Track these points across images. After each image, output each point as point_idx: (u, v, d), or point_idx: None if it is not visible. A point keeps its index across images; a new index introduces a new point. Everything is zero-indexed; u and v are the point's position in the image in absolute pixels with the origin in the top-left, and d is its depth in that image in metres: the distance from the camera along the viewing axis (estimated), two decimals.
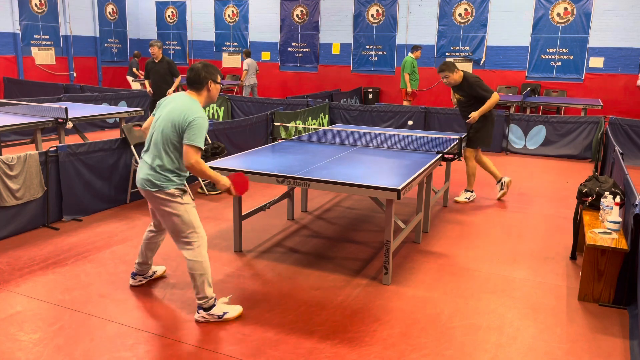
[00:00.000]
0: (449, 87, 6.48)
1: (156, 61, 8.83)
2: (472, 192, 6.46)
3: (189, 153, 3.20)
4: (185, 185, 3.44)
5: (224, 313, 3.45)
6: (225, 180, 3.43)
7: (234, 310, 3.50)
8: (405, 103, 11.54)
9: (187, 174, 3.45)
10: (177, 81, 8.89)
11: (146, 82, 9.09)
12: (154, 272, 4.04)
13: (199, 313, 3.45)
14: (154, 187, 3.34)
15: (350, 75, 15.12)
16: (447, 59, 13.83)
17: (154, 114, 3.50)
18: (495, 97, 6.05)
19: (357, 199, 6.39)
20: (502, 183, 6.51)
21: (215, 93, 3.43)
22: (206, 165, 3.32)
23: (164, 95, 8.74)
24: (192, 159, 3.21)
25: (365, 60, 14.88)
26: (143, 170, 3.40)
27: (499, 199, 6.49)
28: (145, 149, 3.46)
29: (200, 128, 3.21)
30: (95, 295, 3.77)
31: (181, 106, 3.28)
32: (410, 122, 10.01)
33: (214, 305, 3.44)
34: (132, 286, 3.92)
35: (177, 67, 9.05)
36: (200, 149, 3.22)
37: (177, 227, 3.39)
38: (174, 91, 8.67)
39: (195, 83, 3.37)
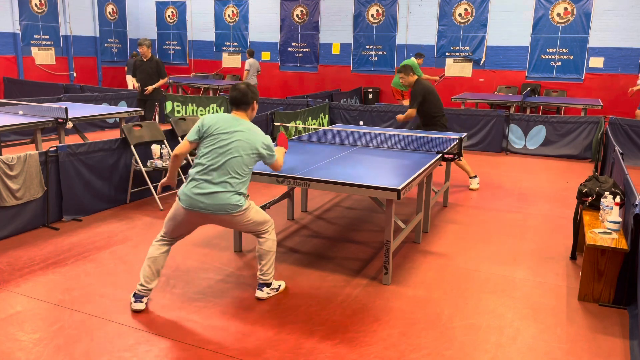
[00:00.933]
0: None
1: (144, 59, 8.72)
2: (476, 176, 7.03)
3: (277, 160, 3.79)
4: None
5: (279, 286, 3.90)
6: (281, 151, 3.96)
7: (283, 283, 3.96)
8: (404, 102, 11.54)
9: None
10: (161, 81, 8.73)
11: (133, 80, 9.00)
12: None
13: (262, 290, 3.80)
14: (233, 210, 3.47)
15: (350, 75, 15.12)
16: (448, 59, 13.84)
17: (194, 139, 3.57)
18: (408, 113, 6.53)
19: (357, 199, 6.39)
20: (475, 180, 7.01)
21: (255, 112, 3.78)
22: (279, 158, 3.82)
23: (157, 94, 8.72)
24: (277, 164, 3.82)
25: (365, 60, 14.88)
26: (219, 195, 3.42)
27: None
28: (206, 172, 3.45)
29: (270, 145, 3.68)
30: (95, 295, 3.77)
31: (255, 130, 3.60)
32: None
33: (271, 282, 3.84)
34: (136, 311, 3.54)
35: (165, 68, 8.95)
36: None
37: (254, 226, 3.69)
38: (154, 89, 8.62)
39: (242, 103, 3.66)
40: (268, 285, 3.80)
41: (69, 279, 4.01)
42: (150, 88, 8.59)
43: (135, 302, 3.56)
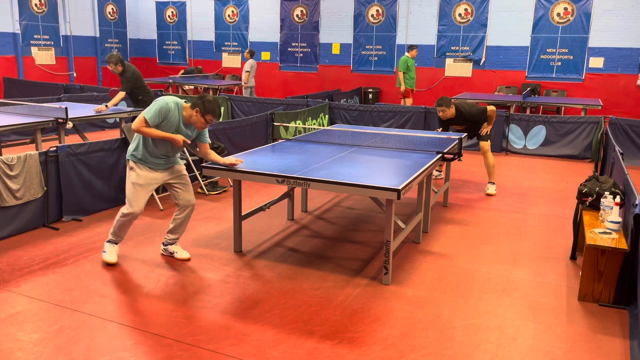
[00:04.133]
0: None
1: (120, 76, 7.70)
2: (494, 182, 6.90)
3: (136, 119, 4.04)
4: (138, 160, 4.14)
5: (104, 251, 4.33)
6: (177, 136, 4.05)
7: (110, 257, 4.31)
8: (403, 102, 11.55)
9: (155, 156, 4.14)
10: (118, 97, 7.53)
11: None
12: (175, 252, 4.48)
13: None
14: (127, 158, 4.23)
15: (350, 75, 15.12)
16: (448, 59, 13.84)
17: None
18: (492, 109, 6.66)
19: (357, 199, 6.39)
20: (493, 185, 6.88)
21: (195, 120, 4.06)
22: (149, 129, 4.00)
23: (143, 99, 7.86)
24: (134, 122, 4.02)
25: (365, 60, 14.88)
26: None
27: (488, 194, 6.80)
28: None
29: (156, 106, 3.99)
30: (95, 295, 3.77)
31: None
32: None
33: (109, 242, 4.33)
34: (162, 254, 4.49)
35: (125, 80, 7.57)
36: (145, 118, 3.97)
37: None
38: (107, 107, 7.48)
39: (195, 100, 4.05)
40: (107, 241, 4.36)
41: (69, 279, 4.02)
42: (110, 104, 7.49)
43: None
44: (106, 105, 7.50)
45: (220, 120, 10.82)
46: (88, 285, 3.92)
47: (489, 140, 6.75)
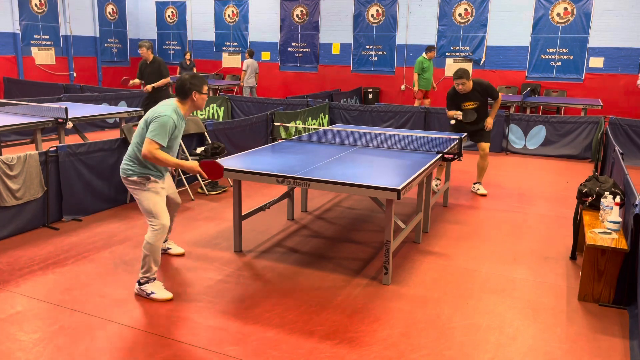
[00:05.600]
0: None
1: (148, 62, 8.54)
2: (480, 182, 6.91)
3: (145, 145, 3.58)
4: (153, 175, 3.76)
5: (152, 292, 3.73)
6: (192, 164, 3.72)
7: (163, 294, 3.75)
8: (417, 103, 11.50)
9: (158, 168, 3.79)
10: (162, 81, 8.56)
11: (137, 81, 8.79)
12: (169, 248, 4.48)
13: (135, 286, 3.82)
14: (122, 174, 3.76)
15: (350, 75, 15.12)
16: (448, 59, 13.84)
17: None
18: (500, 97, 6.65)
19: (357, 199, 6.39)
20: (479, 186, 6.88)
21: (200, 103, 3.77)
22: (164, 155, 3.60)
23: (161, 95, 8.59)
24: (145, 149, 3.57)
25: (365, 60, 14.88)
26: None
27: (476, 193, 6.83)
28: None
29: (162, 125, 3.57)
30: (95, 295, 3.77)
31: (156, 106, 3.73)
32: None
33: (147, 282, 3.76)
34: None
35: (167, 68, 8.80)
36: (156, 142, 3.56)
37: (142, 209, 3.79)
38: (155, 89, 8.49)
39: (180, 93, 3.72)
40: (139, 282, 3.78)
41: (69, 279, 4.01)
42: (149, 87, 8.54)
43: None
44: (153, 87, 8.43)
45: (220, 120, 10.84)
46: (88, 285, 3.92)
47: (489, 143, 6.73)
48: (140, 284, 3.77)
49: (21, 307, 3.57)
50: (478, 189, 6.77)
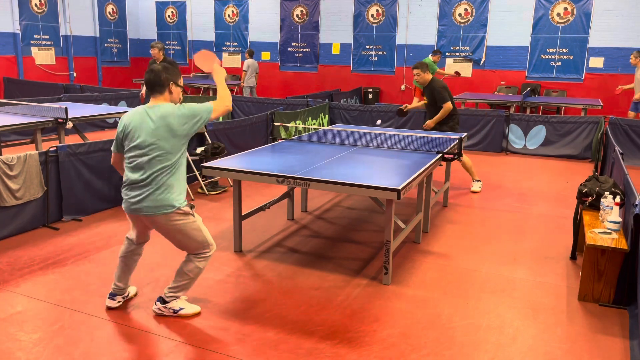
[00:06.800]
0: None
1: (157, 63, 8.67)
2: (479, 180, 6.95)
3: (214, 107, 3.32)
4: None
5: (181, 308, 3.49)
6: (218, 72, 3.51)
7: (191, 308, 3.54)
8: (415, 101, 11.49)
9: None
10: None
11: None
12: (129, 293, 3.74)
13: (156, 305, 3.51)
14: (163, 211, 3.22)
15: (350, 75, 15.12)
16: (448, 59, 13.84)
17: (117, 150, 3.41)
18: (447, 107, 6.50)
19: (357, 199, 6.38)
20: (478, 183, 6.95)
21: (176, 96, 3.32)
22: (222, 98, 3.38)
23: None
24: (216, 110, 3.33)
25: (365, 60, 14.88)
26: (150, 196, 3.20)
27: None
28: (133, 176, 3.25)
29: (190, 107, 3.26)
30: (95, 295, 3.77)
31: (163, 118, 3.20)
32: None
33: (174, 300, 3.49)
34: (110, 309, 3.57)
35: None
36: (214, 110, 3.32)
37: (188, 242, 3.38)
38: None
39: (156, 85, 3.25)
40: (163, 301, 3.49)
41: (69, 279, 4.01)
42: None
43: (108, 299, 3.59)
44: None
45: (221, 120, 10.83)
46: (88, 285, 3.92)
47: None
48: (164, 302, 3.47)
49: (21, 307, 3.57)
50: (473, 186, 6.90)
